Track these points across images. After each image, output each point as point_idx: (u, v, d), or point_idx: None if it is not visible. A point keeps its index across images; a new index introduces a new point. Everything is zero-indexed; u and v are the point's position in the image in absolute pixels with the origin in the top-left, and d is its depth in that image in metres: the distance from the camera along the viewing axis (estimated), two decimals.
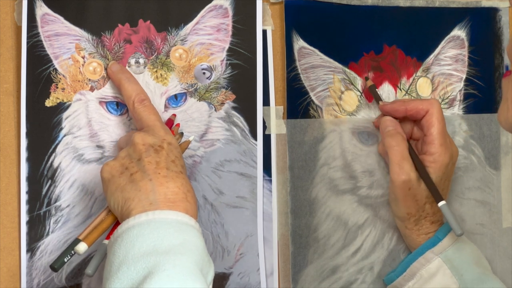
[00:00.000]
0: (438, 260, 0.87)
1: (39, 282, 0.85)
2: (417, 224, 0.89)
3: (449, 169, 0.90)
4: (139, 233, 0.69)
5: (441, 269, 0.87)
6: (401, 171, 0.87)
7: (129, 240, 0.68)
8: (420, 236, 0.89)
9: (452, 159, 0.90)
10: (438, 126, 0.88)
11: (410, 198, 0.87)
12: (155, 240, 0.68)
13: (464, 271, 0.87)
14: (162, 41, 0.88)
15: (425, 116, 0.89)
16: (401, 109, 0.90)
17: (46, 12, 0.85)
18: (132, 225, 0.70)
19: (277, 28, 0.92)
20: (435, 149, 0.88)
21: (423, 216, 0.88)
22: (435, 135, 0.88)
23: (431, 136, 0.88)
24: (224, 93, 0.89)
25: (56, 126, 0.86)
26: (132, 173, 0.74)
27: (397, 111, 0.90)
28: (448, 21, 0.96)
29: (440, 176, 0.88)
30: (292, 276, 0.91)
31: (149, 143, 0.76)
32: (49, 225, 0.85)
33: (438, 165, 0.88)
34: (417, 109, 0.89)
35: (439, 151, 0.88)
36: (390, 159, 0.88)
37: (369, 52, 0.94)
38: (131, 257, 0.67)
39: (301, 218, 0.91)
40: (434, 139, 0.88)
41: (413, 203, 0.88)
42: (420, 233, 0.89)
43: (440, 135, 0.88)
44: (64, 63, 0.86)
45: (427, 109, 0.88)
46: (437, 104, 0.89)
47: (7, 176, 0.85)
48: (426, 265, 0.88)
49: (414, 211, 0.88)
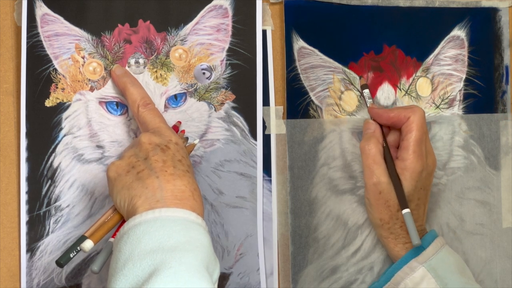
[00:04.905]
0: (422, 269, 0.86)
1: (39, 282, 0.85)
2: (392, 232, 0.88)
3: (424, 178, 0.88)
4: (145, 230, 0.69)
5: (426, 278, 0.85)
6: (372, 175, 0.87)
7: (135, 237, 0.68)
8: (397, 246, 0.88)
9: (426, 168, 0.88)
10: (416, 134, 0.87)
11: (382, 202, 0.87)
12: (161, 238, 0.68)
13: (448, 280, 0.85)
14: (162, 41, 0.88)
15: (405, 123, 0.88)
16: (384, 115, 0.89)
17: (46, 12, 0.85)
18: (138, 222, 0.70)
19: (277, 28, 0.92)
20: (407, 155, 0.87)
21: (398, 224, 0.87)
22: (410, 141, 0.87)
23: (406, 142, 0.87)
24: (224, 93, 0.89)
25: (56, 126, 0.86)
26: (139, 171, 0.74)
27: (381, 116, 0.90)
28: (448, 21, 0.96)
29: (414, 184, 0.87)
30: (292, 276, 0.91)
31: (156, 143, 0.76)
32: (49, 225, 0.85)
33: (409, 172, 0.86)
34: (399, 116, 0.88)
35: (410, 158, 0.86)
36: (363, 162, 0.88)
37: (369, 52, 0.94)
38: (137, 254, 0.67)
39: (301, 218, 0.91)
40: (408, 145, 0.87)
41: (385, 208, 0.87)
42: (397, 242, 0.88)
43: (415, 142, 0.87)
44: (64, 63, 0.86)
45: (408, 116, 0.87)
46: (419, 112, 0.87)
47: (7, 176, 0.85)
48: (411, 274, 0.86)
49: (386, 217, 0.87)
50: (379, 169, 0.87)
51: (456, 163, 0.96)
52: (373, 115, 0.91)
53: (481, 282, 0.97)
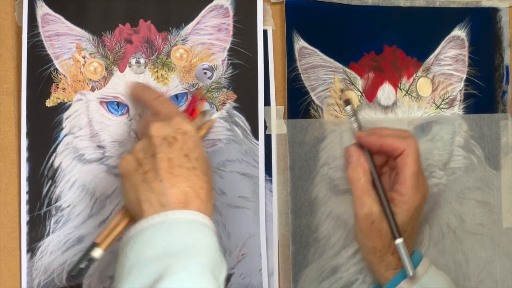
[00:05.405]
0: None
1: (40, 282, 0.85)
2: (383, 260, 0.86)
3: (420, 209, 0.87)
4: (151, 235, 0.69)
5: None
6: (363, 205, 0.85)
7: (141, 243, 0.68)
8: (388, 271, 0.86)
9: (423, 199, 0.87)
10: (412, 168, 0.84)
11: (374, 232, 0.85)
12: (166, 243, 0.68)
13: None
14: (163, 41, 0.88)
15: (400, 156, 0.85)
16: (376, 144, 0.86)
17: (47, 12, 0.85)
18: (145, 226, 0.70)
19: (277, 28, 0.92)
20: (406, 190, 0.85)
21: (390, 252, 0.85)
22: (408, 177, 0.84)
23: (403, 176, 0.85)
24: (226, 93, 0.89)
25: (57, 126, 0.86)
26: (145, 172, 0.74)
27: (372, 145, 0.87)
28: (448, 21, 0.97)
29: (409, 216, 0.85)
30: (292, 276, 0.91)
31: (163, 135, 0.75)
32: (49, 225, 0.85)
33: (408, 206, 0.85)
34: (393, 147, 0.85)
35: (409, 192, 0.85)
36: (352, 193, 0.86)
37: (369, 52, 0.94)
38: (142, 260, 0.67)
39: (302, 218, 0.91)
40: (406, 180, 0.85)
41: (378, 238, 0.85)
42: (388, 268, 0.86)
43: (413, 177, 0.85)
44: (65, 63, 0.86)
45: (403, 149, 0.85)
46: (413, 145, 0.85)
47: (8, 176, 0.85)
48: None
49: (379, 246, 0.85)
50: (369, 199, 0.85)
51: (456, 163, 0.96)
52: (363, 144, 0.87)
53: (481, 282, 0.97)
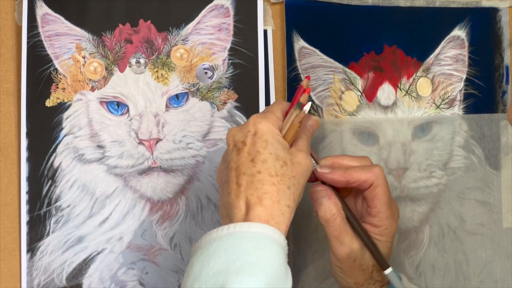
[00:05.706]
0: None
1: (39, 282, 0.85)
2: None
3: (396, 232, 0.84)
4: (216, 248, 0.68)
5: None
6: (343, 245, 0.80)
7: (207, 255, 0.68)
8: None
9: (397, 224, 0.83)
10: (383, 198, 0.80)
11: (357, 269, 0.81)
12: (229, 258, 0.67)
13: None
14: (163, 41, 0.88)
15: (368, 188, 0.80)
16: (342, 181, 0.80)
17: (47, 12, 0.85)
18: (213, 238, 0.69)
19: (277, 28, 0.92)
20: (382, 222, 0.81)
21: (372, 283, 0.83)
22: (380, 208, 0.80)
23: (376, 209, 0.80)
24: (226, 93, 0.89)
25: (57, 126, 0.86)
26: (223, 182, 0.74)
27: (339, 182, 0.80)
28: (448, 21, 0.96)
29: (390, 246, 0.83)
30: (292, 276, 0.91)
31: (234, 142, 0.74)
32: (49, 225, 0.85)
33: (386, 237, 0.81)
34: (360, 181, 0.80)
35: (385, 224, 0.81)
36: (327, 234, 0.81)
37: (369, 52, 0.94)
38: (204, 275, 0.67)
39: (302, 218, 0.91)
40: (379, 212, 0.80)
41: (360, 272, 0.82)
42: None
43: (385, 207, 0.80)
44: (65, 63, 0.86)
45: (371, 182, 0.79)
46: (380, 175, 0.80)
47: (8, 176, 0.85)
48: None
49: (362, 280, 0.82)
50: (348, 238, 0.80)
51: (456, 163, 0.96)
52: (328, 182, 0.80)
53: (481, 282, 0.97)
